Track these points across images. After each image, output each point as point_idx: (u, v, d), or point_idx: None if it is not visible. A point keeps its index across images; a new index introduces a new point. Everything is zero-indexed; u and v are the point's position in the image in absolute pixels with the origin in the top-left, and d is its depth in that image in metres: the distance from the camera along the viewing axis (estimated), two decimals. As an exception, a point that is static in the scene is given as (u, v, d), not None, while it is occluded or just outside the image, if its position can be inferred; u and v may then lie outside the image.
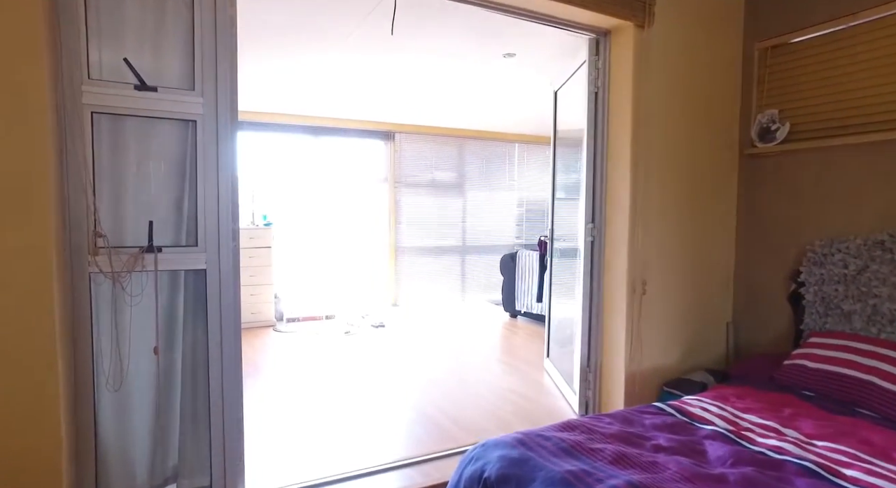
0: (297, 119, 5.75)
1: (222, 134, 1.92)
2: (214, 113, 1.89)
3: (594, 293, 2.89)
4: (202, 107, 1.87)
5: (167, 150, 1.87)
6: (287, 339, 4.80)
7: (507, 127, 6.62)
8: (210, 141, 1.90)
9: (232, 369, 2.01)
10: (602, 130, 2.81)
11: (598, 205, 2.85)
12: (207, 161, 1.90)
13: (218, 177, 1.92)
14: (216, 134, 1.90)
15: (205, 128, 1.89)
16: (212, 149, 1.90)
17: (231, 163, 1.95)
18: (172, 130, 1.87)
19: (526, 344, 4.68)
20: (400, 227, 6.44)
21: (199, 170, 1.89)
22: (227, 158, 1.93)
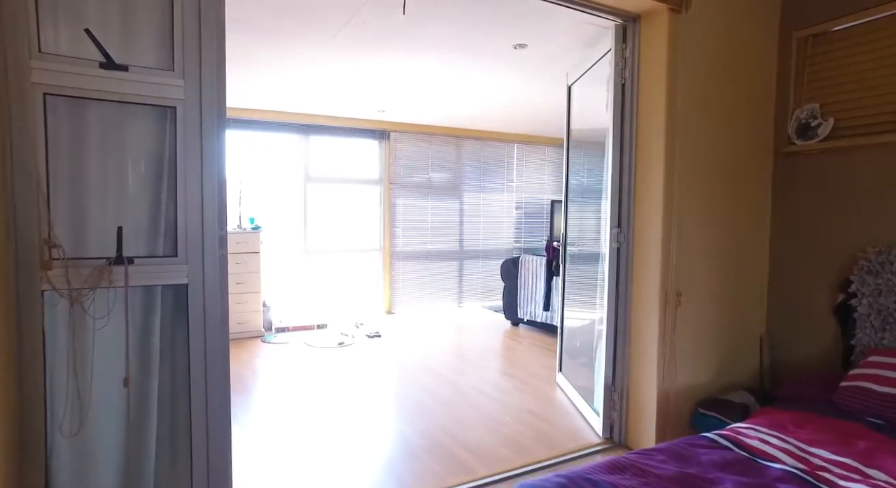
0: (287, 116, 5.44)
1: (207, 124, 1.61)
2: (198, 98, 1.59)
3: (621, 304, 2.63)
4: (183, 91, 1.57)
5: (141, 142, 1.57)
6: (276, 351, 4.48)
7: (506, 126, 6.37)
8: (193, 132, 1.60)
9: (219, 402, 1.71)
10: (630, 126, 2.55)
11: (626, 208, 2.59)
12: (190, 155, 1.60)
13: (202, 174, 1.62)
14: (200, 124, 1.60)
15: (186, 116, 1.58)
16: (195, 142, 1.60)
17: (218, 159, 1.65)
18: (147, 119, 1.56)
19: (532, 355, 4.41)
20: (395, 231, 6.14)
21: (180, 166, 1.59)
22: (213, 152, 1.63)
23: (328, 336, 5.01)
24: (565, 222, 3.60)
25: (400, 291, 6.21)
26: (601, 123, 3.35)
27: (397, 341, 4.85)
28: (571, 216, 3.57)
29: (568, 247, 3.58)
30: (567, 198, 3.58)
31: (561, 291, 3.63)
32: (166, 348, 1.63)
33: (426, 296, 6.39)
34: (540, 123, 6.08)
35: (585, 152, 3.58)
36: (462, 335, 5.14)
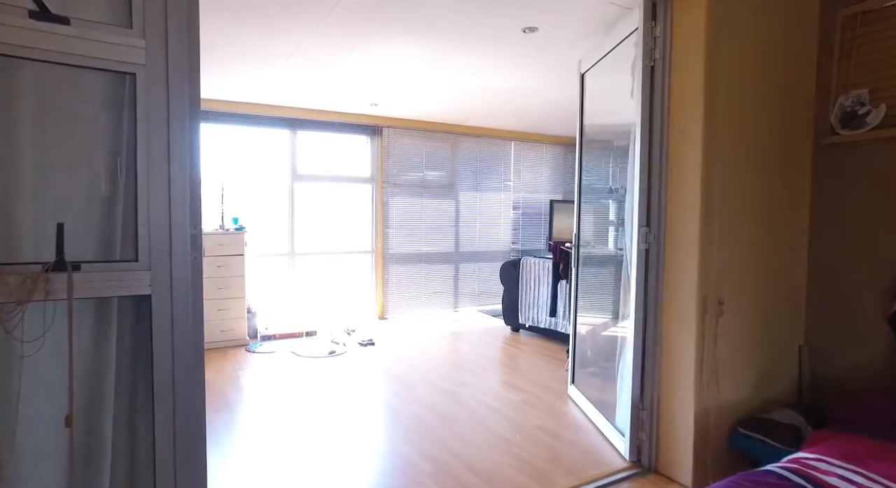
0: (272, 110, 5.10)
1: (176, 97, 1.30)
2: (164, 64, 1.28)
3: (650, 312, 2.35)
4: (144, 54, 1.26)
5: (91, 117, 1.25)
6: (262, 362, 4.14)
7: (504, 123, 6.09)
8: (158, 106, 1.28)
9: (191, 438, 1.40)
10: (661, 113, 2.28)
11: (657, 206, 2.32)
12: (154, 135, 1.28)
13: (170, 159, 1.31)
14: (167, 96, 1.29)
15: (149, 86, 1.27)
16: (160, 118, 1.29)
17: (191, 141, 1.34)
18: (98, 87, 1.25)
19: (537, 363, 4.13)
20: (388, 232, 5.83)
21: (142, 147, 1.28)
22: (183, 132, 1.32)
23: (318, 344, 4.68)
24: (578, 222, 3.34)
25: (393, 296, 5.90)
26: (618, 113, 3.09)
27: (392, 349, 4.54)
28: (585, 216, 3.30)
29: (581, 249, 3.31)
30: (580, 196, 3.31)
31: (573, 296, 3.35)
32: (124, 374, 1.32)
33: (420, 301, 6.09)
34: (540, 120, 5.81)
35: (601, 146, 3.32)
36: (460, 342, 4.85)
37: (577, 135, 3.29)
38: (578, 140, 3.29)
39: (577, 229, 3.31)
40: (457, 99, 4.82)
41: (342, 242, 5.82)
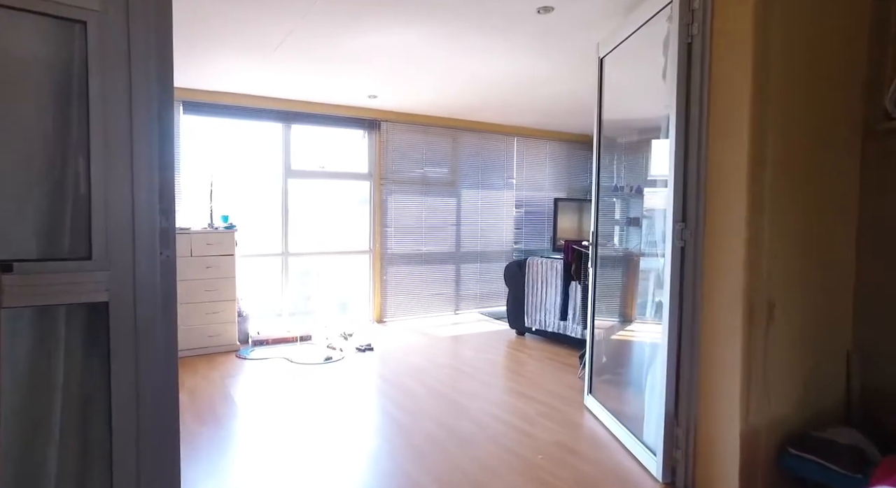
0: (264, 102, 4.83)
1: (140, 52, 1.04)
2: (124, 11, 1.02)
3: (687, 316, 2.11)
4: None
5: (27, 78, 0.99)
6: (254, 369, 3.86)
7: (506, 118, 5.85)
8: (117, 64, 1.02)
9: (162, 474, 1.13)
10: (700, 95, 2.04)
11: (694, 199, 2.08)
12: (113, 102, 1.02)
13: (133, 132, 1.05)
14: (128, 50, 1.03)
15: (105, 38, 1.01)
16: (119, 80, 1.02)
17: (161, 111, 1.08)
18: (36, 38, 0.98)
19: (547, 370, 3.88)
20: (386, 231, 5.57)
21: (96, 116, 1.01)
22: (150, 99, 1.06)
23: (313, 350, 4.41)
24: (596, 221, 3.09)
25: (392, 298, 5.64)
26: (642, 100, 2.85)
27: (392, 355, 4.28)
28: (605, 212, 3.06)
29: (599, 248, 3.07)
30: (598, 193, 3.07)
31: (590, 299, 3.11)
32: (73, 399, 1.05)
33: (420, 303, 5.83)
34: (546, 115, 5.57)
35: (624, 136, 3.08)
36: (464, 347, 4.59)
37: (595, 125, 3.05)
38: (596, 131, 3.05)
39: (595, 227, 3.07)
40: (460, 90, 4.57)
41: (338, 242, 5.55)
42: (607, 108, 3.02)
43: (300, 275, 5.60)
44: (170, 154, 1.14)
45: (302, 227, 5.23)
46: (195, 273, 4.13)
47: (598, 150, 3.05)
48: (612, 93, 2.99)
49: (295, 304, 5.38)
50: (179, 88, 4.42)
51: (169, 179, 1.14)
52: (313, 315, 5.35)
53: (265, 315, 5.10)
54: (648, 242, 2.84)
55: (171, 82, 1.12)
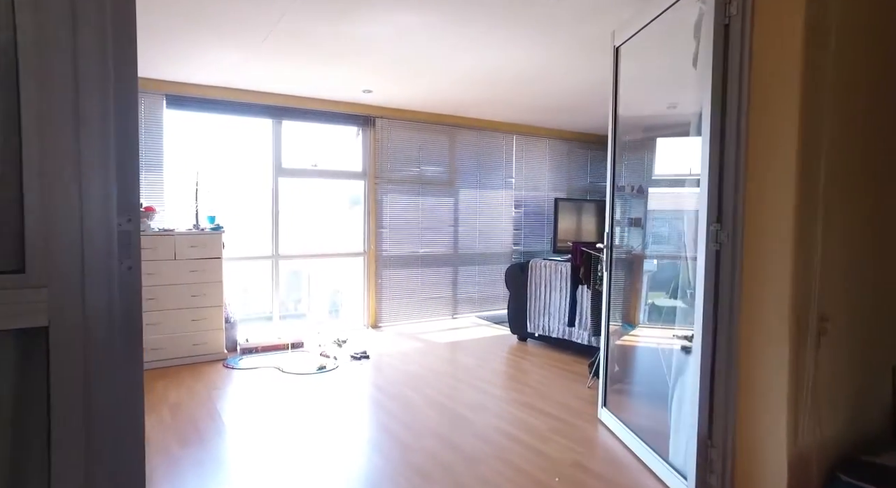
0: (254, 96, 4.58)
1: (88, 20, 0.81)
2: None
3: (723, 327, 1.91)
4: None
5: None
6: (242, 380, 3.62)
7: (505, 115, 5.65)
8: (56, 18, 0.79)
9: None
10: (739, 82, 1.84)
11: (731, 198, 1.88)
12: (50, 71, 0.79)
13: (79, 114, 0.82)
14: (71, 19, 0.80)
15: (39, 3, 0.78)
16: (61, 39, 0.79)
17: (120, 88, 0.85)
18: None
19: (554, 379, 3.67)
20: (381, 233, 5.34)
21: (27, 97, 0.78)
22: (103, 74, 0.83)
23: (306, 358, 4.17)
24: (611, 221, 2.89)
25: (387, 302, 5.41)
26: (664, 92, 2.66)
27: (389, 363, 4.05)
28: (624, 211, 2.86)
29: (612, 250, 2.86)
30: (613, 191, 2.87)
31: (604, 305, 2.90)
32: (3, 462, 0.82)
33: (416, 307, 5.60)
34: (547, 112, 5.37)
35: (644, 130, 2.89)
36: (464, 354, 4.37)
37: (610, 120, 2.85)
38: (611, 126, 2.85)
39: (610, 229, 2.87)
40: (459, 84, 4.35)
41: (331, 244, 5.32)
42: (623, 101, 2.82)
43: (291, 279, 5.37)
44: (132, 141, 0.91)
45: (293, 229, 4.98)
46: (179, 277, 3.88)
47: (612, 147, 2.85)
48: (630, 85, 2.79)
49: (286, 310, 5.15)
50: (162, 81, 4.17)
51: (132, 172, 0.91)
52: (305, 320, 5.11)
53: (255, 321, 4.85)
54: (671, 244, 2.64)
55: (133, 55, 0.89)
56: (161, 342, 3.82)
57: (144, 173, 4.13)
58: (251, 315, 4.87)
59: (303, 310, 5.28)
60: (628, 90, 2.80)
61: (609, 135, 2.86)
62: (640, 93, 2.80)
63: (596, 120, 5.84)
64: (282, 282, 4.93)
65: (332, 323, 5.36)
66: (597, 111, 5.34)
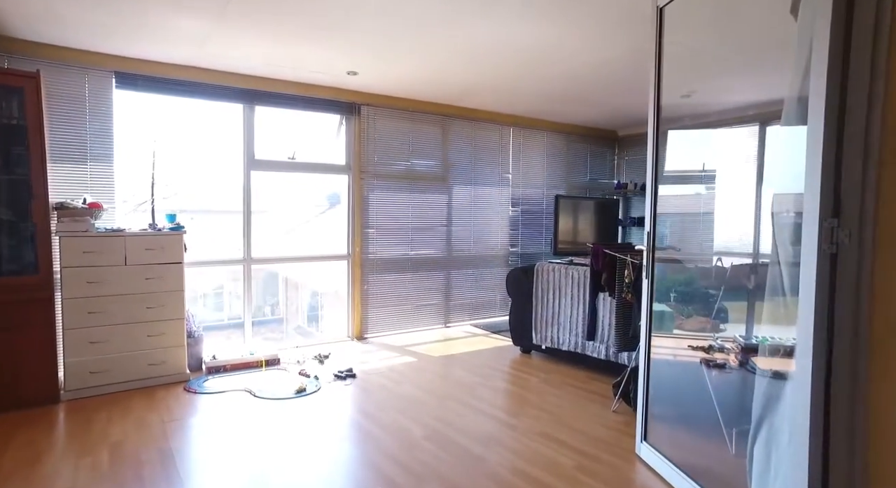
0: (222, 78, 4.01)
1: None
2: None
3: (842, 349, 1.44)
4: None
5: None
6: (207, 407, 3.05)
7: (502, 104, 5.16)
8: None
9: None
10: (879, 27, 1.37)
11: (857, 187, 1.41)
12: None
13: None
14: None
15: None
16: None
17: None
18: None
19: (570, 401, 3.19)
20: (368, 234, 4.80)
21: None
22: None
23: (282, 378, 3.61)
24: (653, 218, 2.41)
25: (374, 310, 4.87)
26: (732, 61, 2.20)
27: (378, 383, 3.51)
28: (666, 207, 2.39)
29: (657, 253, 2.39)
30: (656, 183, 2.40)
31: (644, 317, 2.42)
32: None
33: (406, 315, 5.08)
34: (547, 101, 4.91)
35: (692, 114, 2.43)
36: (463, 369, 3.86)
37: (651, 97, 2.37)
38: (653, 105, 2.37)
39: (652, 227, 2.39)
40: (457, 64, 3.85)
41: (312, 246, 4.76)
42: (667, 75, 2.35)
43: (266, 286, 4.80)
44: None
45: (268, 229, 4.41)
46: (131, 285, 3.28)
47: (655, 129, 2.38)
48: (678, 53, 2.32)
49: (260, 321, 4.57)
50: (110, 56, 3.57)
51: None
52: (282, 333, 4.53)
53: (224, 335, 4.26)
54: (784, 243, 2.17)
55: None
56: (108, 363, 3.22)
57: (89, 164, 3.52)
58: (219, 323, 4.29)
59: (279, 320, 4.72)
60: (679, 58, 2.33)
61: (650, 115, 2.39)
62: (692, 65, 2.32)
63: (600, 111, 5.40)
64: (255, 289, 4.35)
65: (313, 335, 4.80)
66: (604, 101, 4.89)
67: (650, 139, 2.39)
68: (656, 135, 2.36)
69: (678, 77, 2.30)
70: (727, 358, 2.04)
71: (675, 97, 2.33)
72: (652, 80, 2.36)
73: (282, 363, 3.96)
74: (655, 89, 2.35)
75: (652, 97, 2.36)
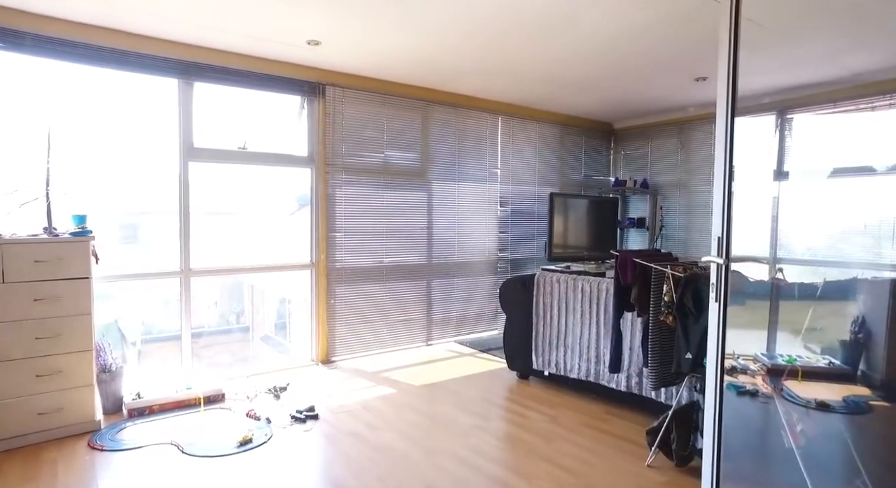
0: (149, 44, 3.21)
1: None
2: None
3: None
4: None
5: None
6: (113, 473, 2.26)
7: (490, 89, 4.49)
8: None
9: None
10: None
11: None
12: None
13: None
14: None
15: None
16: None
17: None
18: None
19: (590, 449, 2.52)
20: (335, 238, 4.05)
21: None
22: None
23: (224, 424, 2.83)
24: (726, 223, 1.75)
25: (343, 328, 4.12)
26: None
27: (348, 428, 2.78)
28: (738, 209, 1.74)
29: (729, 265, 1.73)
30: (730, 179, 1.74)
31: (717, 346, 1.76)
32: None
33: (381, 334, 4.34)
34: (545, 85, 4.24)
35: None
36: (453, 405, 3.16)
37: (726, 70, 1.70)
38: (728, 86, 1.70)
39: (725, 232, 1.72)
40: (447, 40, 3.14)
41: (267, 254, 3.98)
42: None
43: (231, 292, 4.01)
44: None
45: (210, 234, 3.62)
46: (11, 310, 2.47)
47: (730, 117, 1.71)
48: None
49: (225, 330, 3.80)
50: (-8, 7, 2.74)
51: None
52: (227, 362, 3.74)
53: (151, 366, 3.46)
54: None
55: None
56: (-22, 416, 2.39)
57: (-39, 148, 2.69)
58: (147, 356, 3.48)
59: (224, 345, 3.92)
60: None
61: (725, 94, 1.71)
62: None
63: (597, 99, 4.77)
64: (195, 306, 3.55)
65: (268, 359, 4.03)
66: (604, 87, 4.26)
67: (723, 118, 1.71)
68: (730, 116, 1.69)
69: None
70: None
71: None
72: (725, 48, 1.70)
73: (226, 400, 3.18)
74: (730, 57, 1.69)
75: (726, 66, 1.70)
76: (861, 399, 2.16)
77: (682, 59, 3.58)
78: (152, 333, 4.01)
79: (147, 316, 3.90)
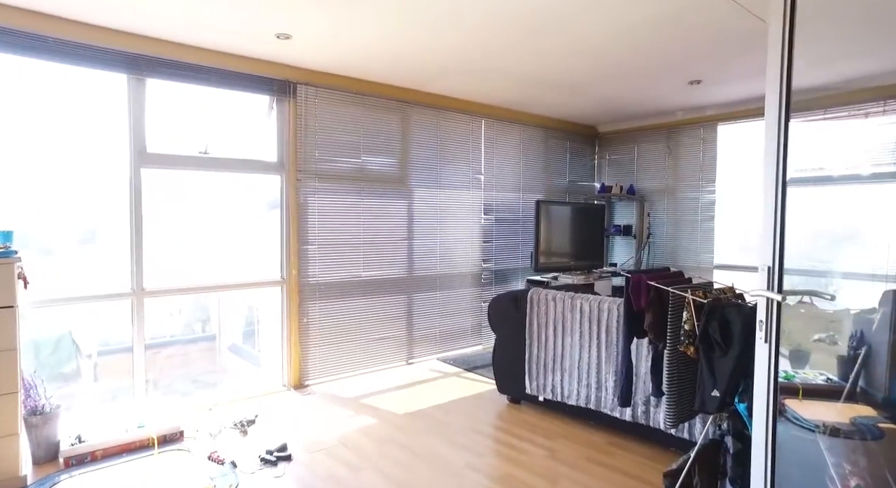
0: (94, 34, 2.81)
1: None
2: None
3: None
4: None
5: None
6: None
7: (475, 91, 4.21)
8: None
9: None
10: None
11: None
12: None
13: None
14: None
15: None
16: None
17: None
18: None
19: (588, 479, 2.26)
20: (307, 251, 3.70)
21: None
22: None
23: (181, 473, 2.46)
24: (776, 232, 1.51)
25: (316, 349, 3.77)
26: None
27: (326, 471, 2.45)
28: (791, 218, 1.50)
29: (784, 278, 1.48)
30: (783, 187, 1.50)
31: (769, 381, 1.51)
32: None
33: (358, 353, 4.01)
34: (534, 86, 3.99)
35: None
36: (441, 437, 2.85)
37: (779, 69, 1.46)
38: (782, 80, 1.45)
39: (778, 262, 1.47)
40: (432, 35, 2.84)
41: (231, 270, 3.60)
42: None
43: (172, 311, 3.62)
44: None
45: (166, 249, 3.23)
46: (-82, 349, 2.05)
47: (784, 115, 1.46)
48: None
49: (190, 339, 3.42)
50: None
51: None
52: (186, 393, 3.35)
53: (95, 404, 3.05)
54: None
55: None
56: None
57: None
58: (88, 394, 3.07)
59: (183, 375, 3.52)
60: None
61: (779, 90, 1.46)
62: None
63: (582, 102, 4.56)
64: (148, 331, 3.15)
65: (233, 387, 3.64)
66: (591, 90, 4.03)
67: (776, 115, 1.47)
68: (785, 116, 1.45)
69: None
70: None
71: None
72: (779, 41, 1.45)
73: (185, 439, 2.80)
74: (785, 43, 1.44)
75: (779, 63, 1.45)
76: (868, 420, 1.98)
77: (677, 60, 3.38)
78: (110, 345, 3.59)
79: (104, 325, 3.48)
